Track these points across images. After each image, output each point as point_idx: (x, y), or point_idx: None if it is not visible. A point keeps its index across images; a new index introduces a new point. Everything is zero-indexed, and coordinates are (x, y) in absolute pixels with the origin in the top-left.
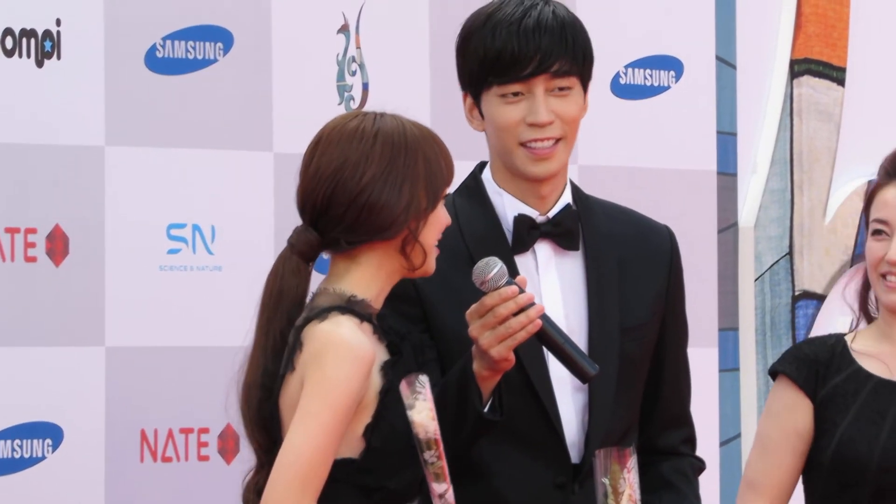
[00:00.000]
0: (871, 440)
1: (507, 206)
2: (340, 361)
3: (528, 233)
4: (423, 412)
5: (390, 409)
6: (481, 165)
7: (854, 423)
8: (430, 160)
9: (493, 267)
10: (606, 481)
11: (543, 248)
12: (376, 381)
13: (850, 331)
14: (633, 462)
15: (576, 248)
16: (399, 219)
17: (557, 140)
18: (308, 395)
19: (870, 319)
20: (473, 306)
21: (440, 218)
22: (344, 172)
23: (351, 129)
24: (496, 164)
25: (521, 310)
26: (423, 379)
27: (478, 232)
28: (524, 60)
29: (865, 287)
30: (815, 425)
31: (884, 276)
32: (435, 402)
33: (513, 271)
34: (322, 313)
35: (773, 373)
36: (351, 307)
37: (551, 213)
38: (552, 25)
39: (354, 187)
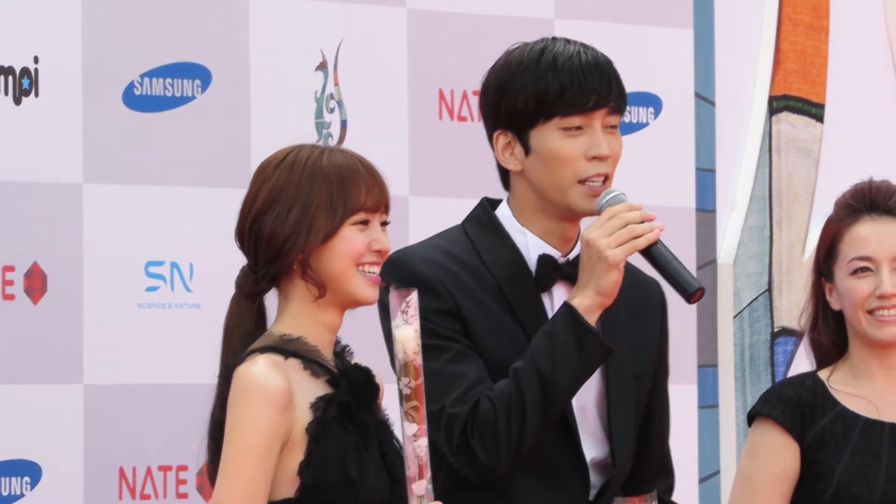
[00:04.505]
0: (870, 482)
1: (531, 246)
2: (250, 403)
3: (550, 273)
4: (406, 331)
5: (322, 443)
6: (490, 202)
7: (850, 466)
8: (335, 185)
9: (608, 194)
10: None
11: (560, 290)
12: (304, 417)
13: (814, 370)
14: None
15: None
16: (286, 247)
17: (606, 177)
18: (226, 443)
19: (820, 360)
20: (599, 218)
21: (349, 245)
22: (244, 205)
23: (265, 161)
24: (527, 203)
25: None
26: (413, 297)
27: (503, 265)
28: (588, 93)
29: (813, 328)
30: (802, 468)
31: (870, 312)
32: (543, 353)
33: (539, 309)
34: (246, 356)
35: (754, 415)
36: (277, 346)
37: (571, 256)
38: (605, 65)
39: (246, 217)
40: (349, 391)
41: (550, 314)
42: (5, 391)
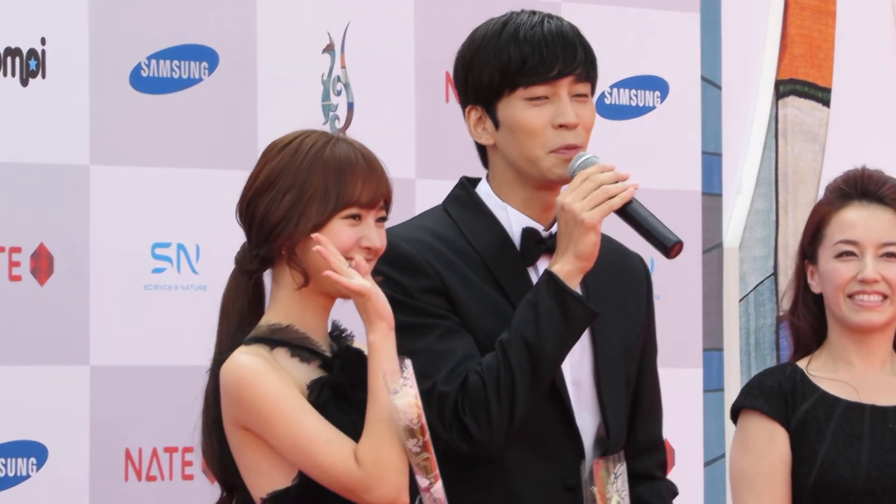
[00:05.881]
0: (853, 464)
1: (513, 220)
2: (256, 383)
3: (534, 247)
4: (406, 397)
5: None
6: (470, 181)
7: (833, 448)
8: (332, 176)
9: (579, 158)
10: (594, 489)
11: (544, 263)
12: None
13: (793, 362)
14: (621, 469)
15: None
16: (275, 231)
17: (577, 147)
18: (277, 429)
19: (798, 346)
20: (572, 182)
21: (336, 238)
22: (247, 183)
23: (273, 143)
24: (505, 176)
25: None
26: (408, 363)
27: (487, 242)
28: (551, 62)
29: (793, 310)
30: (792, 452)
31: (851, 296)
32: (527, 322)
33: (526, 283)
34: (230, 354)
35: (738, 409)
36: (263, 337)
37: (553, 229)
38: (569, 33)
39: (245, 195)
40: (343, 373)
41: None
42: (12, 372)
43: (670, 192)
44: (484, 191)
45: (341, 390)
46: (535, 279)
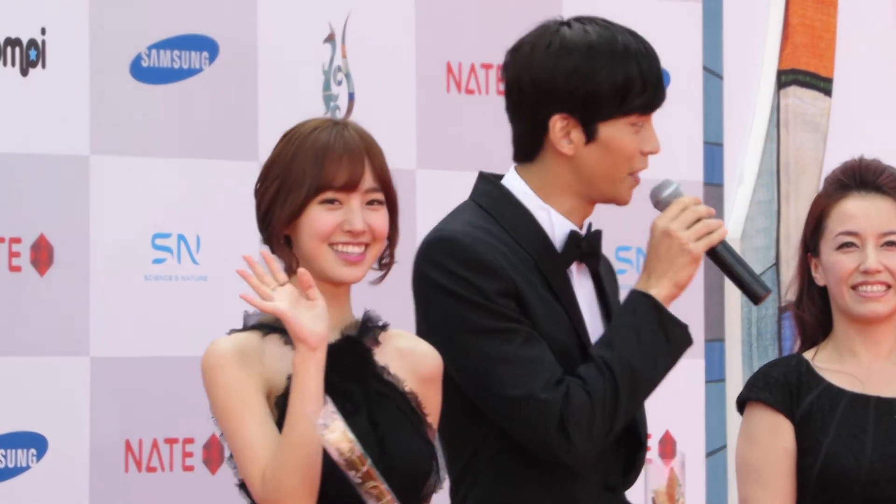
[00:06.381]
0: (856, 454)
1: (556, 223)
2: (209, 378)
3: (574, 250)
4: (336, 432)
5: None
6: (497, 177)
7: (837, 439)
8: (310, 163)
9: (669, 185)
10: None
11: (574, 267)
12: (281, 385)
13: (799, 353)
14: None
15: (597, 269)
16: (266, 219)
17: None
18: (223, 429)
19: (804, 338)
20: (670, 209)
21: (312, 224)
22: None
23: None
24: (561, 184)
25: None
26: (327, 398)
27: (533, 243)
28: (661, 99)
29: (798, 303)
30: (797, 444)
31: (854, 287)
32: (630, 345)
33: (570, 286)
34: None
35: (743, 401)
36: (258, 324)
37: (584, 233)
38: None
39: (256, 181)
40: (328, 362)
41: (576, 291)
42: (11, 363)
43: None
44: (520, 189)
45: (327, 379)
46: (573, 283)
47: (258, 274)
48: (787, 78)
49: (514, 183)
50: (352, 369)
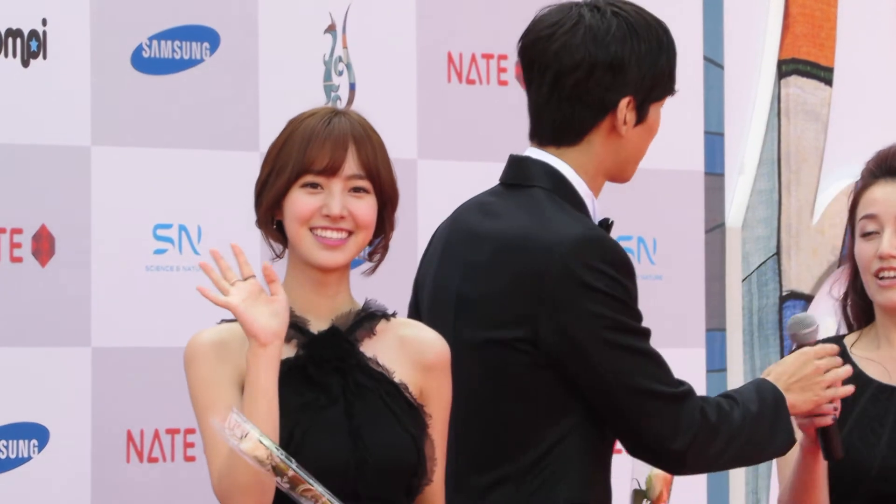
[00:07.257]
0: (870, 448)
1: (597, 213)
2: (187, 372)
3: None
4: (250, 441)
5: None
6: (540, 162)
7: (854, 431)
8: (296, 148)
9: (810, 324)
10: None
11: None
12: None
13: (843, 334)
14: None
15: None
16: (256, 202)
17: None
18: (197, 421)
19: (850, 327)
20: (818, 350)
21: (293, 207)
22: None
23: None
24: (603, 165)
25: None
26: (235, 410)
27: None
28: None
29: (845, 296)
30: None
31: (876, 275)
32: (762, 422)
33: None
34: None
35: None
36: None
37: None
38: None
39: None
40: (306, 354)
41: None
42: (13, 354)
43: (673, 171)
44: (571, 176)
45: (303, 371)
46: None
47: (222, 268)
48: (788, 67)
49: (565, 170)
50: (331, 361)
